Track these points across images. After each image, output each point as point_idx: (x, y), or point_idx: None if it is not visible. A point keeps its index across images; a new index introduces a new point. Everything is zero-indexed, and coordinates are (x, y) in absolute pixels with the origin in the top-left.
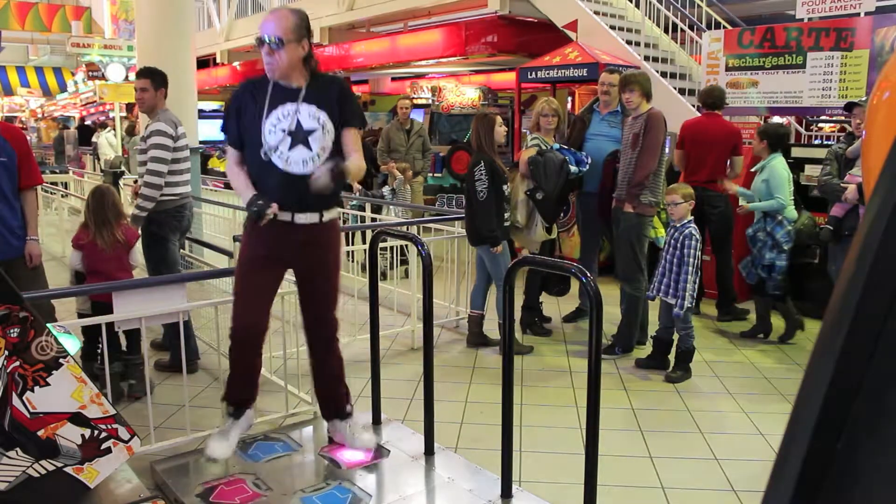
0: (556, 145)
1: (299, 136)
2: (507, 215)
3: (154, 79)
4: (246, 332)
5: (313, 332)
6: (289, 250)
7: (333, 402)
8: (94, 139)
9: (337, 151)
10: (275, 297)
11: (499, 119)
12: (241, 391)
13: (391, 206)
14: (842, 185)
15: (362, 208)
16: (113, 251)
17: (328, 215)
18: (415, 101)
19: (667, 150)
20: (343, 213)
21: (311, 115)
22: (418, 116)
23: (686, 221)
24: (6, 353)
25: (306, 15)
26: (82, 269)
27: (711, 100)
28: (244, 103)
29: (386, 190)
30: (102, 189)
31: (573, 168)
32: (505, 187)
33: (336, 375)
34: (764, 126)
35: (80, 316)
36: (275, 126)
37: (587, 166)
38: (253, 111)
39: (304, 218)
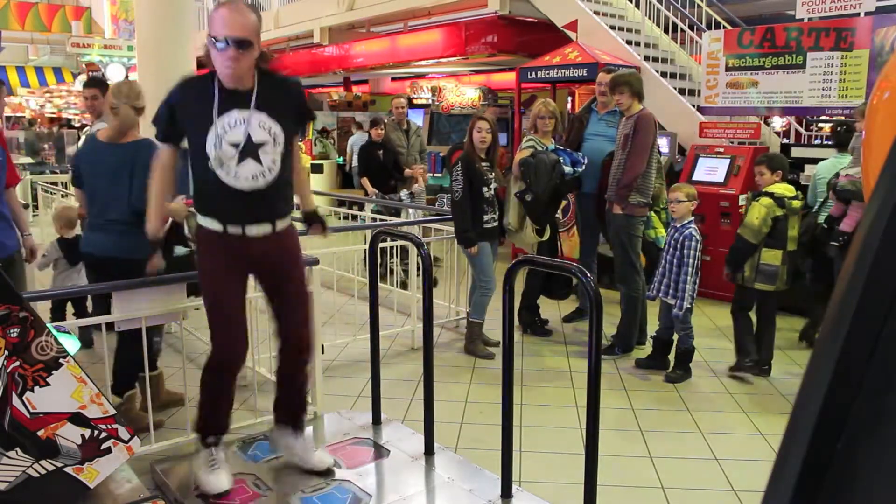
0: (552, 146)
1: (248, 150)
2: (489, 217)
3: (102, 88)
4: (235, 360)
5: (287, 348)
6: (245, 262)
7: (293, 413)
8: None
9: (286, 162)
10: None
11: (482, 124)
12: (224, 418)
13: (410, 210)
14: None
15: (381, 212)
16: None
17: (281, 224)
18: (414, 101)
19: (666, 150)
20: (361, 217)
21: (261, 126)
22: (418, 117)
23: (686, 222)
24: (6, 353)
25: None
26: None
27: None
28: (184, 103)
29: (404, 193)
30: None
31: (568, 169)
32: (486, 189)
33: (301, 390)
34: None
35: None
36: (220, 139)
37: (583, 167)
38: (195, 118)
39: (255, 230)
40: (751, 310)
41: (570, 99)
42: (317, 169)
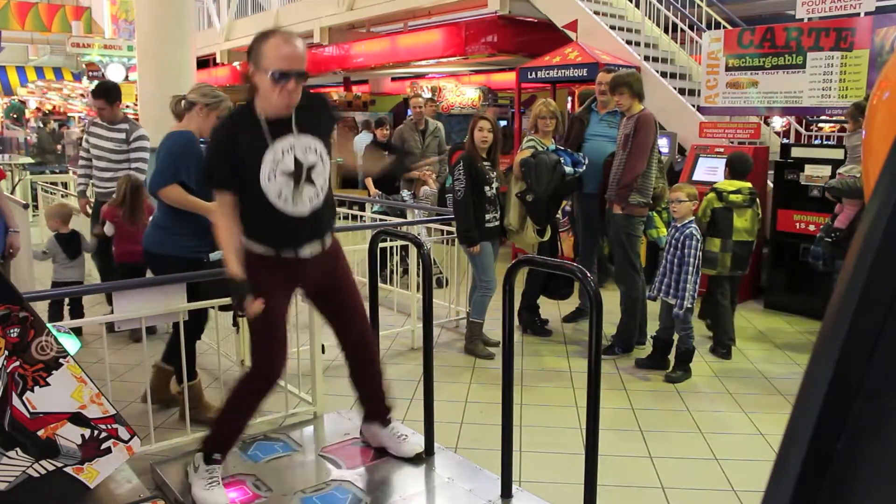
0: (553, 146)
1: (301, 175)
2: (490, 216)
3: (108, 96)
4: (276, 378)
5: (356, 351)
6: (296, 282)
7: (381, 407)
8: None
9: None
10: None
11: (483, 123)
12: (238, 437)
13: (416, 211)
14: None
15: (386, 213)
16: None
17: (329, 239)
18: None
19: (666, 150)
20: (362, 217)
21: (308, 149)
22: None
23: (687, 222)
24: (6, 353)
25: None
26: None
27: None
28: (233, 144)
29: (406, 194)
30: (139, 183)
31: (568, 169)
32: (488, 188)
33: (381, 382)
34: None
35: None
36: (273, 171)
37: (584, 167)
38: (247, 155)
39: (307, 251)
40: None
41: (570, 99)
42: None
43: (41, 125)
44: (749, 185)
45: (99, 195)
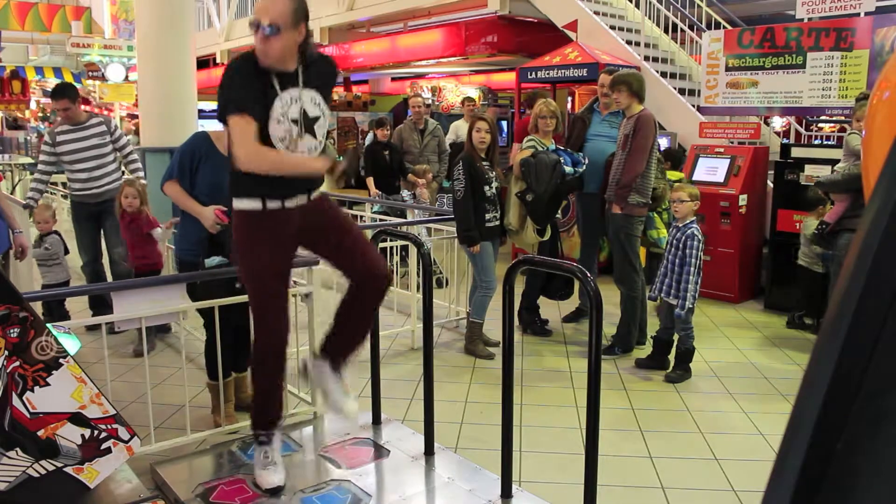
0: (553, 146)
1: (306, 126)
2: (490, 216)
3: (71, 94)
4: (283, 342)
5: (369, 280)
6: (290, 236)
7: (346, 351)
8: None
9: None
10: None
11: (481, 124)
12: (277, 409)
13: (416, 211)
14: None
15: (386, 213)
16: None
17: (315, 193)
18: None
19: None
20: (362, 217)
21: (313, 102)
22: None
23: (689, 222)
24: (6, 353)
25: None
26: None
27: None
28: (253, 77)
29: (406, 194)
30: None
31: (568, 169)
32: (487, 187)
33: (366, 330)
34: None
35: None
36: (283, 115)
37: (584, 167)
38: (259, 95)
39: (292, 202)
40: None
41: (570, 99)
42: None
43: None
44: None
45: (88, 196)
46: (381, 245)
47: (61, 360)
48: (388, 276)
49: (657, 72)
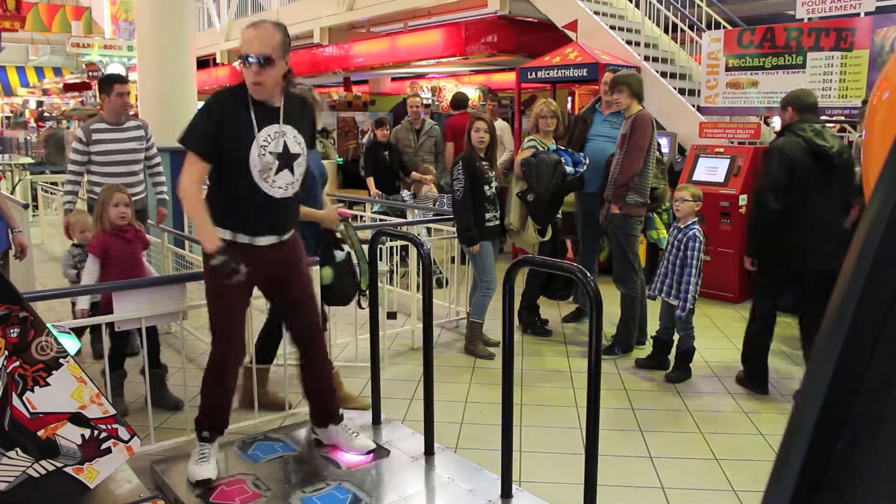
0: (554, 146)
1: (286, 162)
2: (490, 216)
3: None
4: (235, 361)
5: (306, 343)
6: (258, 274)
7: (327, 408)
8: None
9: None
10: None
11: (480, 124)
12: (222, 417)
13: (416, 211)
14: None
15: (386, 213)
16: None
17: (287, 235)
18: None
19: (666, 150)
20: (362, 217)
21: (295, 139)
22: None
23: (690, 223)
24: (6, 353)
25: (286, 28)
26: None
27: None
28: (227, 116)
29: (406, 194)
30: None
31: (569, 169)
32: (487, 187)
33: (329, 383)
34: None
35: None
36: (264, 148)
37: (584, 167)
38: (237, 130)
39: (263, 241)
40: None
41: (570, 99)
42: None
43: (55, 124)
44: None
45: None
46: (381, 245)
47: (61, 360)
48: (323, 348)
49: (657, 72)
